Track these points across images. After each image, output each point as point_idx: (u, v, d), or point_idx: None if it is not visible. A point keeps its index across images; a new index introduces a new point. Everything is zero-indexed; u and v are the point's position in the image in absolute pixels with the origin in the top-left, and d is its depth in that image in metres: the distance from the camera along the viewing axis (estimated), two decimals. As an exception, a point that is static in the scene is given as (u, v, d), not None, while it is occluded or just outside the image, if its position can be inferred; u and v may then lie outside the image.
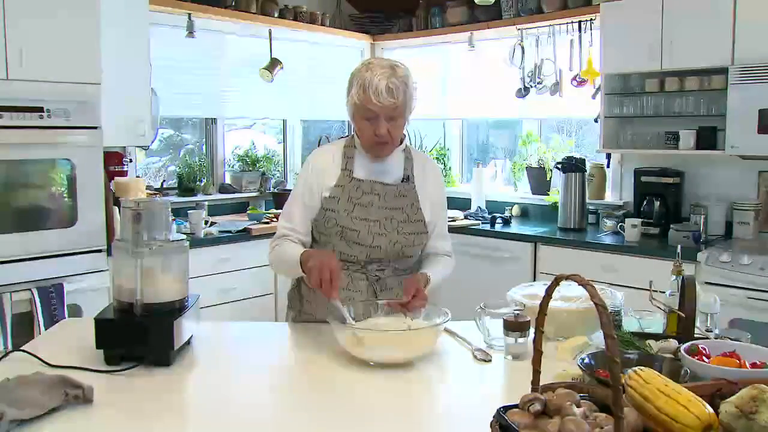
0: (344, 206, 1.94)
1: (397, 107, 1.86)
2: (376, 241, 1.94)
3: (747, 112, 3.29)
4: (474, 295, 2.89)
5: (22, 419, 1.27)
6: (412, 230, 1.98)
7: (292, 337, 1.90)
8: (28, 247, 2.99)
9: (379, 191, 1.96)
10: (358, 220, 1.93)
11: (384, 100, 1.83)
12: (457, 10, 4.77)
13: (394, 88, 1.84)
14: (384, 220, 1.95)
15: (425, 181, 2.04)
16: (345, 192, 1.95)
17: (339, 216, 1.94)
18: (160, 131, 4.17)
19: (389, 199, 1.97)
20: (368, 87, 1.84)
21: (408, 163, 2.03)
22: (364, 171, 1.98)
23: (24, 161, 2.99)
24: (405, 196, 1.99)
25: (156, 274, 1.68)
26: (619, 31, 3.76)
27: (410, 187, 2.00)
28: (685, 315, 1.69)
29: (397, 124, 1.91)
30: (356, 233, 1.93)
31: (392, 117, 1.88)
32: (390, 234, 1.94)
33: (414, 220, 1.98)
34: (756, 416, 1.08)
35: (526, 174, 4.63)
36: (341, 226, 1.93)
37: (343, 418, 1.38)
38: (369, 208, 1.95)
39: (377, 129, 1.87)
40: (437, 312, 1.78)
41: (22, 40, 2.90)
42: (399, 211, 1.97)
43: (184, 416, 1.40)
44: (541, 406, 1.10)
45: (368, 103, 1.85)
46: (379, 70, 1.86)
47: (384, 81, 1.84)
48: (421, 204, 2.00)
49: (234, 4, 4.33)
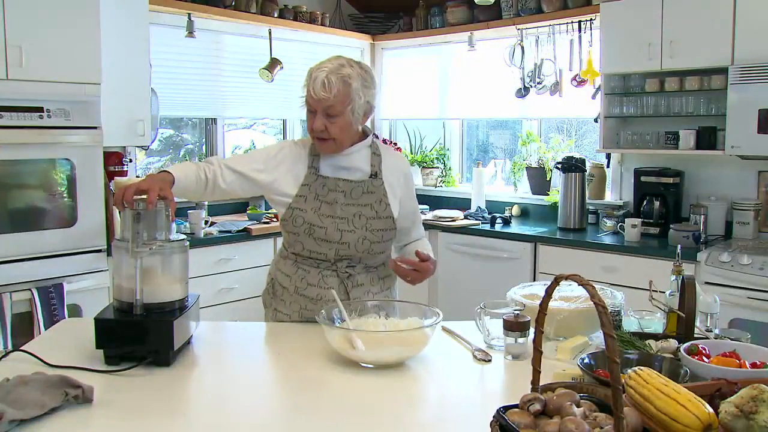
0: (311, 204, 1.96)
1: (331, 104, 1.85)
2: (344, 237, 1.95)
3: (747, 112, 3.29)
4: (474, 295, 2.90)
5: (22, 419, 1.27)
6: (381, 226, 1.98)
7: (292, 337, 1.90)
8: (28, 247, 2.99)
9: (344, 188, 1.97)
10: (325, 218, 1.95)
11: (318, 93, 1.84)
12: (457, 10, 4.77)
13: (327, 82, 1.83)
14: (352, 216, 1.96)
15: (394, 176, 2.04)
16: (312, 190, 1.97)
17: (306, 214, 1.95)
18: (160, 131, 4.16)
19: (356, 196, 1.97)
20: (310, 79, 1.87)
21: (375, 159, 2.03)
22: (330, 168, 1.99)
23: (24, 161, 2.99)
24: (373, 192, 1.99)
25: (156, 274, 1.68)
26: (619, 31, 3.76)
27: (378, 183, 2.00)
28: (685, 315, 1.69)
29: (336, 122, 1.88)
30: (324, 230, 1.94)
31: (329, 113, 1.87)
32: (358, 231, 1.95)
33: (382, 216, 1.99)
34: (756, 416, 1.08)
35: (525, 174, 4.63)
36: (309, 224, 1.95)
37: (342, 419, 1.38)
38: (335, 206, 1.96)
39: (314, 123, 1.89)
40: (429, 312, 1.78)
41: (22, 40, 2.90)
42: (367, 208, 1.97)
43: (183, 416, 1.40)
44: (540, 406, 1.10)
45: (308, 95, 1.89)
46: (326, 64, 1.88)
47: (323, 74, 1.85)
48: (389, 200, 2.01)
49: (234, 4, 4.33)
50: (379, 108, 5.43)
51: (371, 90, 1.95)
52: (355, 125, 1.94)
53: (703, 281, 3.20)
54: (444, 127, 5.26)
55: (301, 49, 4.84)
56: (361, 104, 1.92)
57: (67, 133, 3.07)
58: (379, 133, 5.40)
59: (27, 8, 2.92)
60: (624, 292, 1.92)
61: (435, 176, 5.09)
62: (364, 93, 1.91)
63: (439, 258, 4.32)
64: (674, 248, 1.96)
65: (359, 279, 2.01)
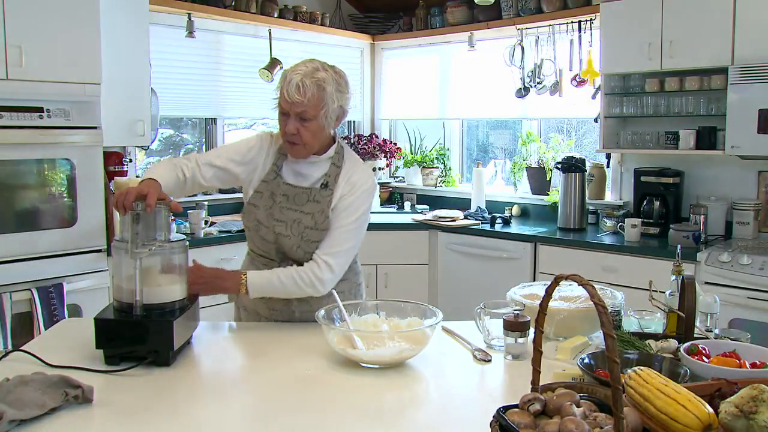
0: (264, 202, 1.97)
1: (305, 108, 1.84)
2: (279, 240, 1.96)
3: (747, 112, 3.29)
4: (474, 295, 2.90)
5: (22, 419, 1.27)
6: (317, 238, 1.94)
7: (291, 337, 1.90)
8: (28, 247, 2.99)
9: (288, 192, 1.96)
10: (270, 218, 1.96)
11: (292, 96, 1.84)
12: (457, 10, 4.76)
13: (302, 86, 1.83)
14: (290, 222, 1.95)
15: (345, 191, 1.97)
16: (269, 188, 1.98)
17: (258, 210, 1.97)
18: (159, 131, 4.17)
19: (299, 203, 1.95)
20: (284, 81, 1.87)
21: (333, 170, 1.98)
22: (289, 171, 1.99)
23: (24, 161, 2.99)
24: (318, 202, 1.95)
25: (155, 274, 1.68)
26: (619, 31, 3.76)
27: (326, 194, 1.95)
28: (685, 315, 1.69)
29: (309, 127, 1.87)
30: (266, 230, 1.96)
31: (302, 117, 1.86)
32: (294, 237, 1.95)
33: (321, 228, 1.95)
34: (756, 416, 1.08)
35: (525, 174, 4.63)
36: (257, 221, 1.97)
37: (342, 418, 1.38)
38: (275, 207, 1.96)
39: (286, 126, 1.89)
40: (429, 312, 1.78)
41: (22, 40, 2.90)
42: (308, 216, 1.94)
43: (183, 416, 1.40)
44: (540, 406, 1.10)
45: (282, 99, 1.88)
46: (301, 67, 1.87)
47: (298, 77, 1.84)
48: (331, 213, 1.96)
49: (234, 4, 4.33)
50: (380, 108, 5.44)
51: (345, 95, 1.93)
52: (327, 130, 1.93)
53: (703, 281, 3.20)
54: (444, 127, 5.26)
55: (301, 49, 4.84)
56: (335, 109, 1.91)
57: (67, 133, 3.07)
58: (379, 133, 5.40)
59: (27, 8, 2.92)
60: (624, 292, 1.93)
61: (435, 176, 5.09)
62: (338, 97, 1.90)
63: (439, 258, 4.33)
64: (674, 248, 1.96)
65: None
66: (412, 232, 4.36)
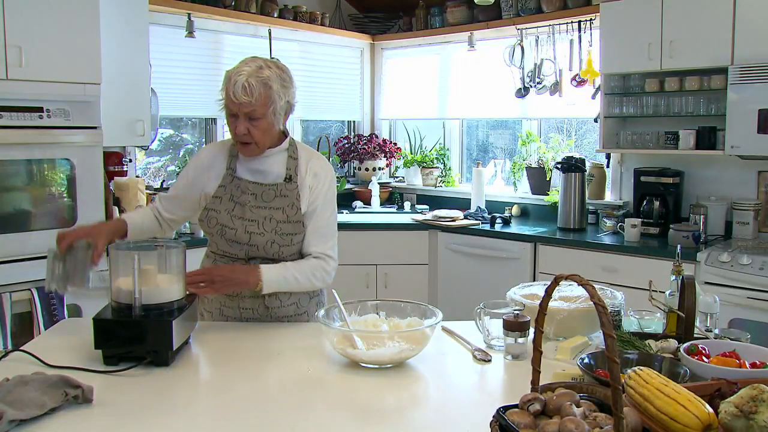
0: (225, 205, 1.98)
1: (253, 108, 1.86)
2: (253, 239, 1.97)
3: (747, 112, 3.29)
4: (474, 295, 2.90)
5: (22, 419, 1.27)
6: (291, 230, 1.99)
7: (292, 337, 1.90)
8: (28, 247, 2.98)
9: (255, 191, 1.99)
10: (236, 219, 1.97)
11: (239, 97, 1.84)
12: (456, 10, 4.76)
13: (248, 86, 1.84)
14: (262, 219, 1.97)
15: (308, 180, 2.03)
16: (227, 191, 1.99)
17: (220, 215, 1.98)
18: (159, 131, 4.16)
19: (267, 199, 1.98)
20: (229, 83, 1.87)
21: (291, 162, 2.03)
22: (245, 170, 2.02)
23: (24, 161, 2.99)
24: (285, 196, 1.99)
25: (154, 274, 1.68)
26: (619, 31, 3.76)
27: (292, 187, 2.00)
28: (684, 315, 1.69)
29: (258, 125, 1.89)
30: (234, 231, 1.97)
31: (251, 117, 1.88)
32: (267, 234, 1.96)
33: (293, 220, 1.99)
34: (756, 416, 1.08)
35: (525, 174, 4.63)
36: (221, 225, 1.98)
37: (342, 418, 1.38)
38: (245, 207, 1.97)
39: (236, 127, 1.90)
40: (429, 312, 1.78)
41: (22, 40, 2.90)
42: (279, 211, 1.98)
43: (183, 416, 1.40)
44: (540, 406, 1.10)
45: (228, 100, 1.89)
46: (244, 68, 1.87)
47: (243, 78, 1.84)
48: (301, 204, 2.00)
49: (234, 4, 4.33)
50: (379, 108, 5.43)
51: (290, 89, 1.96)
52: (276, 126, 1.96)
53: (702, 281, 3.20)
54: (444, 127, 5.26)
55: (301, 49, 4.84)
56: (282, 105, 1.93)
57: (67, 133, 3.07)
58: (379, 133, 5.40)
59: (27, 8, 2.92)
60: (624, 292, 1.93)
61: (435, 176, 5.09)
62: (284, 93, 1.92)
63: (439, 258, 4.33)
64: (674, 248, 1.96)
65: None
66: (412, 232, 4.36)
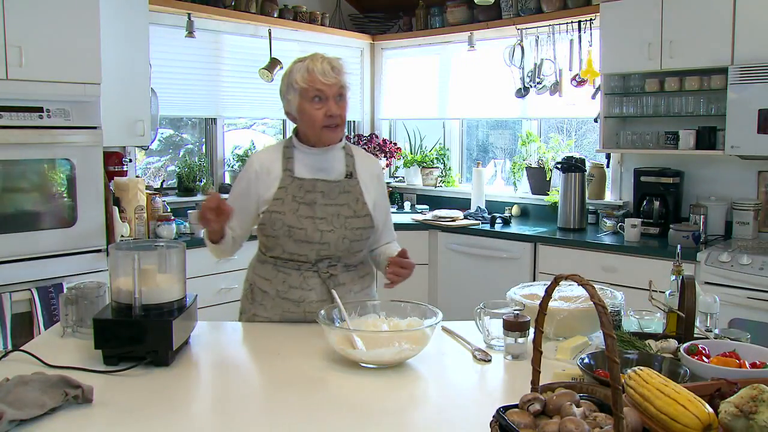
0: (289, 206, 1.97)
1: (342, 83, 1.96)
2: (325, 237, 1.97)
3: (747, 112, 3.29)
4: (474, 295, 2.90)
5: (22, 419, 1.27)
6: (360, 225, 2.01)
7: (292, 338, 1.90)
8: (28, 248, 2.99)
9: (323, 188, 2.00)
10: (304, 219, 1.96)
11: (329, 77, 1.92)
12: (456, 10, 4.77)
13: (337, 66, 1.96)
14: (330, 216, 1.98)
15: (367, 177, 2.08)
16: (288, 192, 1.99)
17: (285, 216, 1.96)
18: (159, 131, 4.17)
19: (334, 196, 2.00)
20: (313, 69, 1.93)
21: (349, 159, 2.07)
22: (306, 170, 2.02)
23: (24, 161, 2.99)
24: (349, 192, 2.02)
25: (154, 274, 1.68)
26: (619, 31, 3.76)
27: (354, 182, 2.04)
28: (684, 315, 1.69)
29: (344, 105, 1.99)
30: (303, 231, 1.96)
31: (340, 94, 1.96)
32: (338, 230, 1.98)
33: (361, 214, 2.02)
34: (756, 416, 1.08)
35: (525, 174, 4.63)
36: (288, 226, 1.96)
37: (342, 418, 1.38)
38: (313, 206, 1.98)
39: (329, 109, 1.94)
40: (429, 312, 1.78)
41: (22, 40, 2.90)
42: (345, 207, 2.00)
43: (183, 416, 1.40)
44: (540, 406, 1.10)
45: (316, 83, 1.93)
46: (318, 56, 1.98)
47: (324, 60, 1.95)
48: (365, 199, 2.04)
49: (234, 4, 4.33)
50: (380, 108, 5.43)
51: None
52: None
53: (702, 281, 3.20)
54: (444, 127, 5.26)
55: (301, 49, 4.83)
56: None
57: (67, 133, 3.07)
58: (379, 133, 5.40)
59: (27, 8, 2.92)
60: (624, 292, 1.92)
61: (435, 176, 5.09)
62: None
63: (439, 258, 4.33)
64: (674, 248, 1.96)
65: (340, 278, 2.02)
66: (412, 232, 4.35)
